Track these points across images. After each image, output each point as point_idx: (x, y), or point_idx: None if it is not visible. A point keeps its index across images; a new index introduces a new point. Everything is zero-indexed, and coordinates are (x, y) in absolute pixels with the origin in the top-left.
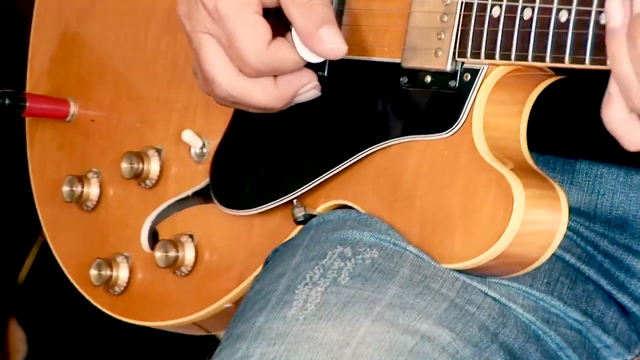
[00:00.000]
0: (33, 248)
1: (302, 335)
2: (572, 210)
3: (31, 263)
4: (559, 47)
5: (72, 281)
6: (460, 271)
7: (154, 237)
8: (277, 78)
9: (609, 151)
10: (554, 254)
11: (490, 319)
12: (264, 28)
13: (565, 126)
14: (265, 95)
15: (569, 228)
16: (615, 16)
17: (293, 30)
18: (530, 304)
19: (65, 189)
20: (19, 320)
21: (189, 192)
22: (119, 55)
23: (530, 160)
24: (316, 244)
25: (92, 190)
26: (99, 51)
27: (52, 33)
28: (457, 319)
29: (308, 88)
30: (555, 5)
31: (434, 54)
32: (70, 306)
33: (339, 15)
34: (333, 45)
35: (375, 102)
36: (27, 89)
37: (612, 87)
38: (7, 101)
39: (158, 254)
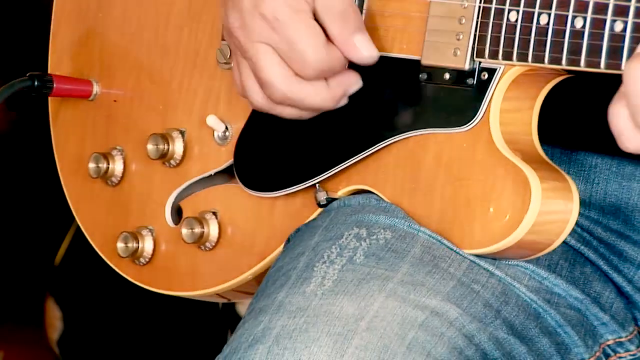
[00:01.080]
0: (69, 232)
1: (320, 309)
2: None
3: (67, 246)
4: (574, 52)
5: (99, 252)
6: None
7: (177, 213)
8: (329, 80)
9: (604, 143)
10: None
11: (494, 297)
12: (320, 31)
13: (565, 119)
14: (319, 96)
15: None
16: None
17: None
18: (534, 285)
19: (92, 165)
20: (56, 299)
21: (212, 172)
22: (141, 40)
23: (542, 153)
24: (335, 225)
25: (117, 167)
26: (121, 35)
27: (73, 16)
28: (464, 296)
29: (355, 88)
30: (570, 13)
31: (453, 53)
32: (103, 286)
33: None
34: (367, 52)
35: (396, 96)
36: (49, 70)
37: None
38: (35, 83)
39: (184, 230)
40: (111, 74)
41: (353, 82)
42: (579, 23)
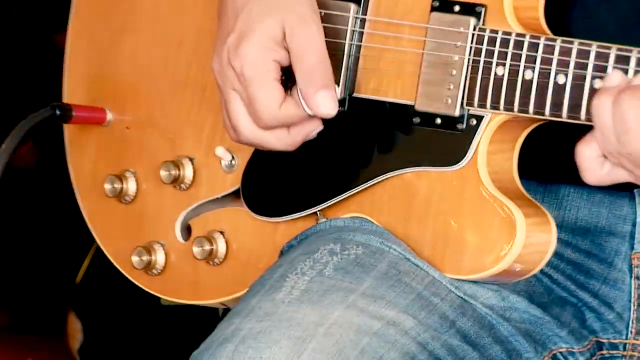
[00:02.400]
0: (88, 254)
1: (285, 315)
2: None
3: (86, 266)
4: (557, 105)
5: (114, 263)
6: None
7: (187, 230)
8: (290, 128)
9: (576, 176)
10: None
11: (451, 309)
12: (278, 92)
13: (541, 155)
14: (279, 142)
15: None
16: (614, 78)
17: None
18: (491, 302)
19: (107, 186)
20: (77, 312)
21: (218, 196)
22: (151, 73)
23: (522, 189)
24: (315, 241)
25: (130, 186)
26: (133, 67)
27: (87, 49)
28: (422, 308)
29: (314, 134)
30: (553, 69)
31: (444, 101)
32: (119, 302)
33: (356, 60)
34: (325, 110)
35: (391, 136)
36: (64, 99)
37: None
38: (57, 112)
39: (195, 248)
40: (124, 103)
41: (313, 129)
42: (561, 79)
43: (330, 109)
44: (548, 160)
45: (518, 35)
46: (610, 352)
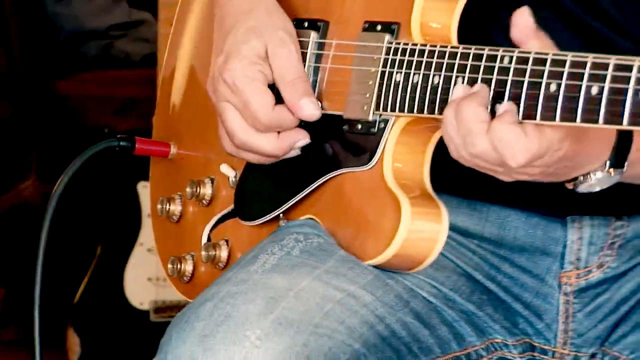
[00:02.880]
0: (85, 278)
1: (259, 281)
2: (484, 239)
3: (83, 288)
4: (432, 103)
5: (164, 271)
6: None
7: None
8: (280, 134)
9: (516, 201)
10: (463, 271)
11: (404, 291)
12: (269, 95)
13: (485, 181)
14: (269, 144)
15: (474, 252)
16: (457, 92)
17: None
18: (435, 292)
19: (158, 207)
20: (75, 329)
21: (229, 210)
22: (197, 104)
23: (429, 188)
24: (280, 233)
25: (176, 208)
26: (189, 105)
27: (168, 93)
28: (378, 287)
29: (302, 143)
30: (432, 72)
31: (363, 108)
32: (113, 318)
33: (314, 84)
34: (309, 112)
35: (329, 143)
36: (153, 136)
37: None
38: (122, 143)
39: (203, 252)
40: (183, 137)
41: (300, 138)
42: (436, 80)
43: (313, 112)
44: (492, 185)
45: (413, 45)
46: (541, 355)
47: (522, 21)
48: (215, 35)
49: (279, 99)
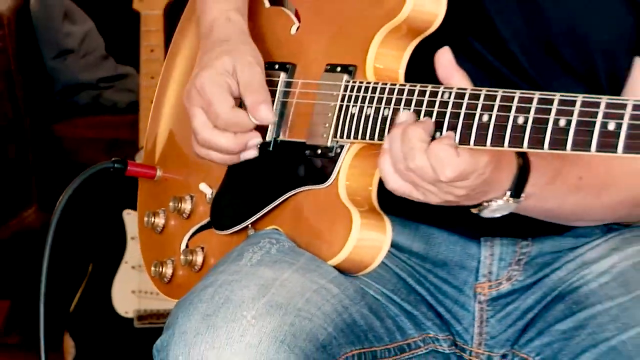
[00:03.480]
0: (79, 290)
1: (250, 271)
2: (412, 253)
3: (77, 299)
4: (382, 132)
5: (148, 274)
6: None
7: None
8: (237, 134)
9: (441, 221)
10: (400, 276)
11: (359, 288)
12: (231, 99)
13: (416, 205)
14: (227, 142)
15: (406, 263)
16: (403, 117)
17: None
18: (379, 291)
19: (145, 219)
20: (70, 333)
21: (205, 222)
22: (179, 128)
23: (375, 204)
24: (254, 239)
25: (160, 221)
26: (170, 125)
27: (157, 125)
28: (341, 283)
29: (255, 142)
30: (382, 105)
31: (322, 136)
32: (102, 325)
33: (281, 116)
34: (265, 116)
35: (293, 165)
36: (142, 159)
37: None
38: (115, 165)
39: (182, 257)
40: (167, 162)
41: (253, 137)
42: (385, 112)
43: (268, 115)
44: (421, 208)
45: (367, 83)
46: (461, 353)
47: (445, 60)
48: (195, 67)
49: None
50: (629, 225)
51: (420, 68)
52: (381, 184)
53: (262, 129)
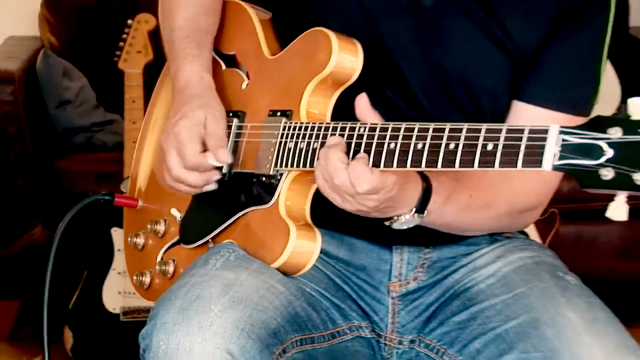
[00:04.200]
0: (77, 289)
1: (215, 274)
2: (339, 259)
3: (75, 297)
4: (313, 161)
5: (130, 280)
6: None
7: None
8: (200, 172)
9: (360, 232)
10: (329, 277)
11: (298, 287)
12: (199, 145)
13: (342, 219)
14: (193, 179)
15: (334, 267)
16: (331, 140)
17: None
18: (314, 289)
19: (129, 239)
20: (69, 326)
21: (175, 239)
22: (157, 170)
23: (309, 220)
24: (215, 249)
25: (141, 241)
26: (149, 160)
27: (138, 165)
28: (285, 283)
29: (214, 179)
30: (313, 140)
31: (266, 167)
32: (95, 319)
33: (234, 152)
34: (223, 158)
35: (243, 190)
36: (128, 190)
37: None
38: (105, 197)
39: (157, 267)
40: (147, 194)
41: (214, 175)
42: (315, 145)
43: (226, 157)
44: (346, 222)
45: (301, 123)
46: (379, 338)
47: (362, 104)
48: (173, 105)
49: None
50: (510, 237)
51: (344, 110)
52: (314, 203)
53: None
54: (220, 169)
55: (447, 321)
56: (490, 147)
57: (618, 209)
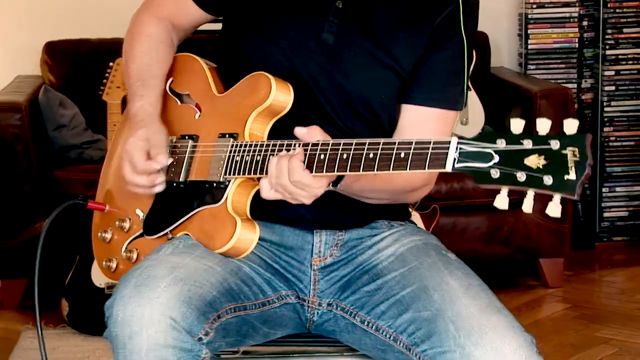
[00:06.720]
0: (72, 269)
1: (164, 259)
2: (272, 242)
3: (70, 275)
4: (262, 170)
5: (100, 269)
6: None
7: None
8: (148, 175)
9: (288, 221)
10: (262, 257)
11: (235, 267)
12: (143, 155)
13: (271, 211)
14: (142, 181)
15: (267, 249)
16: (300, 154)
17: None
18: (250, 267)
19: (99, 234)
20: (66, 298)
21: (139, 233)
22: (120, 180)
23: (249, 215)
24: (169, 241)
25: (108, 235)
26: (117, 179)
27: (106, 176)
28: (223, 264)
29: (160, 181)
30: (255, 154)
31: (217, 175)
32: (85, 292)
33: (188, 165)
34: (163, 162)
35: (197, 194)
36: (97, 194)
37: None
38: (81, 201)
39: (124, 254)
40: (112, 200)
41: (158, 177)
42: (257, 158)
43: (164, 160)
44: (278, 213)
45: (246, 142)
46: (302, 302)
47: (299, 133)
48: (128, 127)
49: None
50: (404, 225)
51: (279, 133)
52: (253, 202)
53: (176, 174)
54: (176, 176)
55: (359, 290)
56: (402, 154)
57: (502, 201)
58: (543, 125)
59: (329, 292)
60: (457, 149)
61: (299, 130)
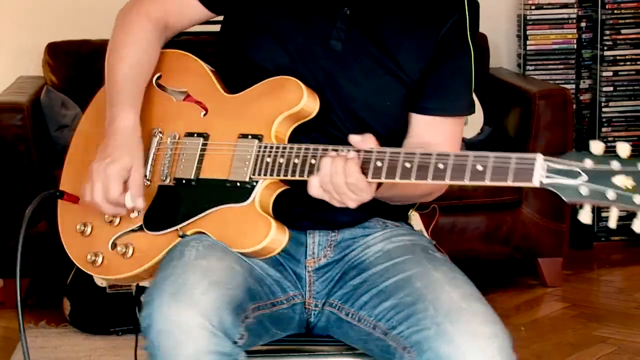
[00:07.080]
0: (73, 270)
1: (192, 264)
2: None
3: (72, 276)
4: (296, 172)
5: (76, 263)
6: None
7: (115, 246)
8: (114, 206)
9: (284, 222)
10: (274, 259)
11: (249, 267)
12: (121, 186)
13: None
14: (108, 209)
15: None
16: (355, 158)
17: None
18: (262, 267)
19: (77, 227)
20: (67, 297)
21: (135, 226)
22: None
23: (270, 212)
24: (184, 242)
25: (87, 229)
26: (85, 161)
27: (77, 151)
28: (242, 263)
29: (121, 213)
30: (279, 155)
31: (242, 175)
32: (86, 291)
33: (199, 162)
34: (139, 204)
35: (215, 191)
36: (60, 184)
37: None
38: (57, 193)
39: (118, 247)
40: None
41: (122, 211)
42: (296, 160)
43: (141, 205)
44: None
45: (278, 144)
46: (301, 302)
47: (353, 140)
48: (105, 145)
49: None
50: (399, 226)
51: (301, 137)
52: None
53: (185, 171)
54: (180, 172)
55: (345, 285)
56: (479, 167)
57: (586, 215)
58: (623, 149)
59: (324, 292)
60: (545, 166)
61: (353, 138)
